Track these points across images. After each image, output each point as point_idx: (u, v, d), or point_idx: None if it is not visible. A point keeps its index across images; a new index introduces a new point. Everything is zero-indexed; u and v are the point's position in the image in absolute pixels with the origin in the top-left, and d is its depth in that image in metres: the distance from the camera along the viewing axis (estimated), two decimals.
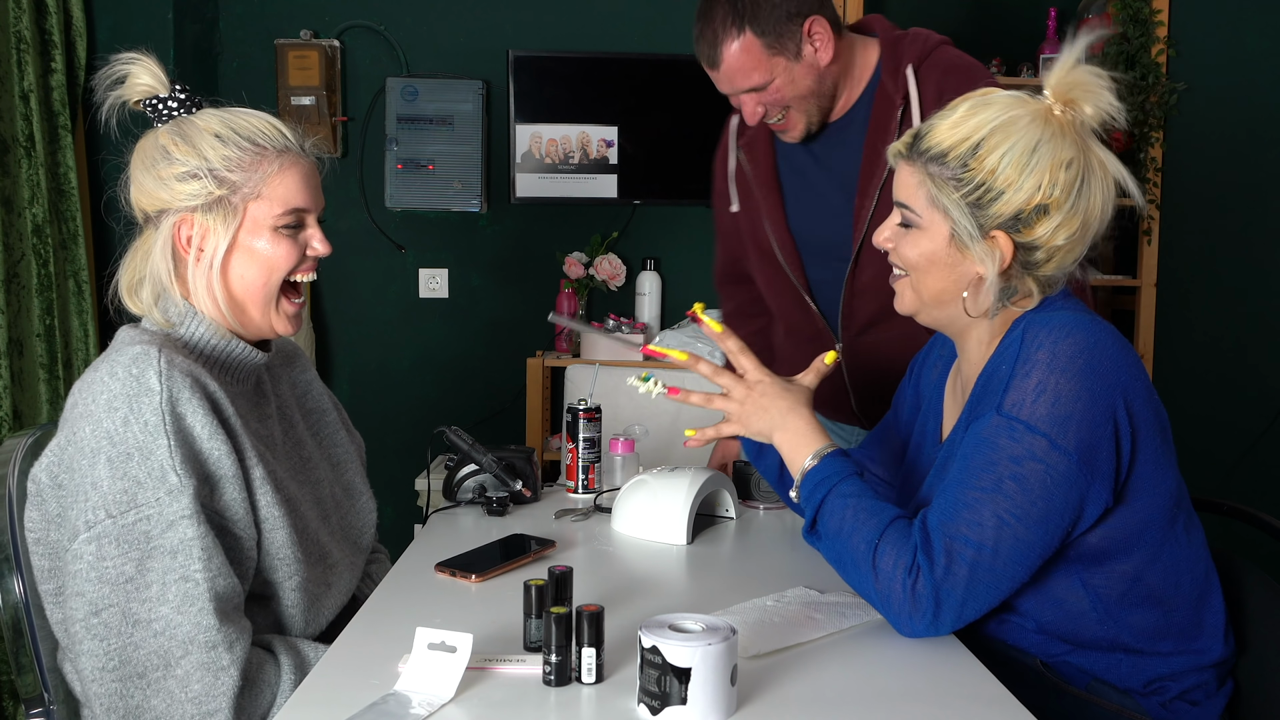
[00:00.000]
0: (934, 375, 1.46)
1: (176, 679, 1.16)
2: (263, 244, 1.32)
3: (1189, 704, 1.24)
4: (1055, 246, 1.22)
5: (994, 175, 1.19)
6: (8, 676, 2.50)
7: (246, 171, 1.30)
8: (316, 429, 1.54)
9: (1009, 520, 1.13)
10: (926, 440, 1.42)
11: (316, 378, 1.59)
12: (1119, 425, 1.16)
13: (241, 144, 1.30)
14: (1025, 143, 1.19)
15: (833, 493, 1.24)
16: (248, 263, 1.32)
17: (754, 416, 1.36)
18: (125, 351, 1.21)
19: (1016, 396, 1.16)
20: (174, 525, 1.16)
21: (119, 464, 1.16)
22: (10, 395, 2.54)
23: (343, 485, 1.53)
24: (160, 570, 1.16)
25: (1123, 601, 1.22)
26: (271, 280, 1.33)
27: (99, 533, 1.15)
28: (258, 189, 1.31)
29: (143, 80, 1.31)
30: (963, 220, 1.21)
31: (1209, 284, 3.31)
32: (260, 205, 1.31)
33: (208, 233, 1.30)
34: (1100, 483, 1.15)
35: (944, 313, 1.29)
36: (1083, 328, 1.18)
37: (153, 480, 1.16)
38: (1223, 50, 3.24)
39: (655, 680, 0.95)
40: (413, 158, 3.33)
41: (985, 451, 1.16)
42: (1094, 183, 1.22)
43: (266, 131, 1.33)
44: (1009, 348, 1.22)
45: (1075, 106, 1.21)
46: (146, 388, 1.18)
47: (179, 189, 1.29)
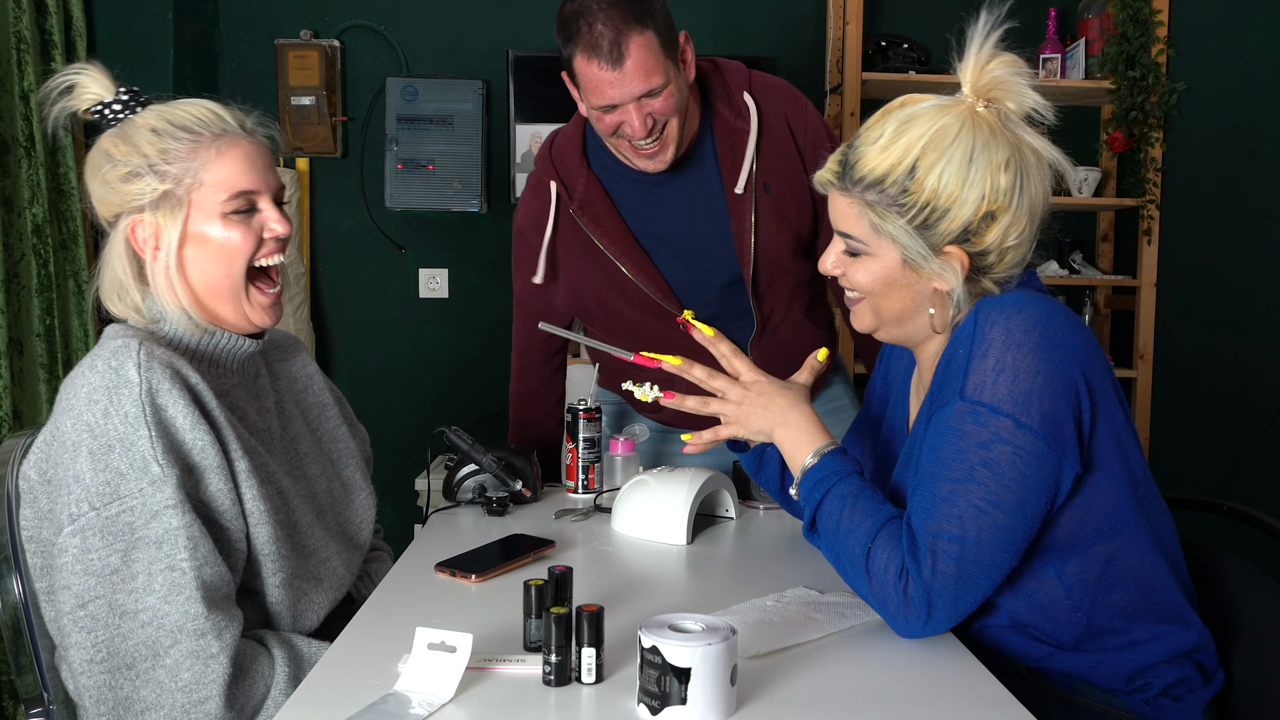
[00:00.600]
0: (901, 366, 1.45)
1: (166, 668, 1.16)
2: (215, 232, 1.30)
3: (1172, 699, 1.24)
4: (1007, 247, 1.21)
5: (936, 195, 1.17)
6: (8, 676, 2.50)
7: (185, 161, 1.28)
8: (316, 424, 1.54)
9: (985, 508, 1.13)
10: (895, 432, 1.42)
11: (318, 371, 1.58)
12: (1079, 396, 1.15)
13: (177, 134, 1.29)
14: (960, 155, 1.17)
15: (831, 493, 1.24)
16: (203, 254, 1.30)
17: (753, 416, 1.36)
18: (106, 346, 1.22)
19: (977, 379, 1.15)
20: (158, 515, 1.17)
21: (100, 456, 1.17)
22: (10, 395, 2.54)
23: (341, 481, 1.53)
24: (146, 560, 1.16)
25: (1098, 586, 1.21)
26: (233, 270, 1.31)
27: (83, 525, 1.16)
28: (199, 177, 1.28)
29: (90, 90, 1.30)
30: (912, 244, 1.20)
31: (1209, 284, 3.31)
32: (204, 193, 1.29)
33: (160, 230, 1.29)
34: (1070, 456, 1.15)
35: (902, 329, 1.29)
36: (1033, 303, 1.17)
37: (135, 471, 1.17)
38: (1223, 50, 3.24)
39: (655, 680, 0.95)
40: (413, 158, 3.33)
41: (953, 440, 1.16)
42: (1032, 175, 1.20)
43: (202, 117, 1.31)
44: (964, 331, 1.21)
45: (998, 103, 1.20)
46: (125, 379, 1.18)
47: (125, 190, 1.28)
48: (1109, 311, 3.54)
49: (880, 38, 3.30)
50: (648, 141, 1.70)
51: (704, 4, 3.48)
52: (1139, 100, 3.15)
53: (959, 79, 1.22)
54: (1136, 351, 3.30)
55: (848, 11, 3.21)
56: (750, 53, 3.45)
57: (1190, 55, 3.25)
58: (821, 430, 1.32)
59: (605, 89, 1.63)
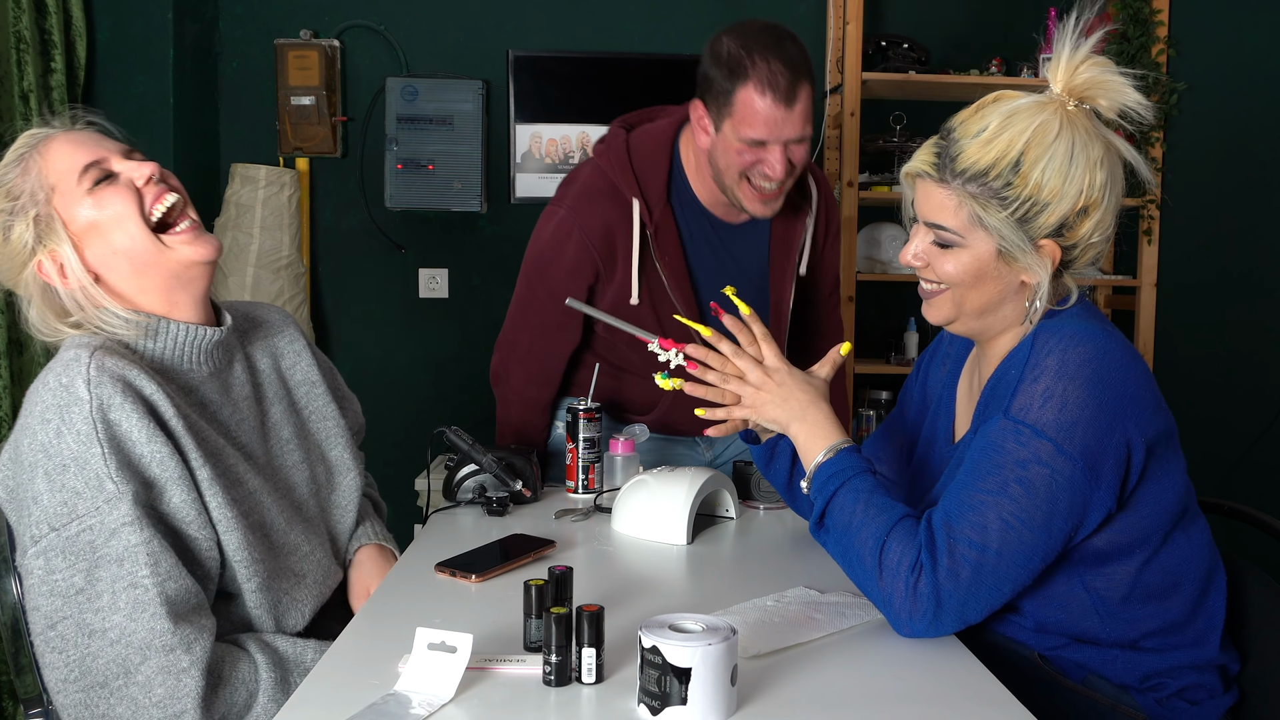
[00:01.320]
0: (942, 373, 1.46)
1: (139, 685, 1.15)
2: (91, 213, 1.26)
3: (1188, 703, 1.24)
4: (1091, 242, 1.23)
5: (1040, 189, 1.19)
6: (8, 676, 2.50)
7: (25, 181, 1.26)
8: (303, 402, 1.51)
9: (1013, 523, 1.13)
10: (938, 439, 1.42)
11: (307, 346, 1.54)
12: (1128, 438, 1.16)
13: (7, 176, 1.27)
14: (1062, 152, 1.18)
15: (845, 486, 1.24)
16: (101, 242, 1.27)
17: (769, 404, 1.36)
18: (60, 358, 1.21)
19: (1024, 401, 1.17)
20: (116, 533, 1.15)
21: (56, 476, 1.15)
22: (10, 395, 2.54)
23: (326, 464, 1.51)
24: (109, 579, 1.15)
25: (1125, 602, 1.22)
26: (135, 234, 1.27)
27: (45, 546, 1.15)
28: (44, 183, 1.26)
29: None
30: (1011, 236, 1.21)
31: (1209, 284, 3.31)
32: (59, 193, 1.25)
33: (55, 253, 1.26)
34: (1104, 490, 1.15)
35: (981, 321, 1.29)
36: (1093, 337, 1.18)
37: (90, 489, 1.15)
38: (1223, 50, 3.24)
39: (655, 680, 0.95)
40: (413, 158, 3.33)
41: (992, 454, 1.17)
42: (1118, 172, 1.23)
43: (17, 146, 1.29)
44: (1020, 353, 1.22)
45: (1091, 102, 1.21)
46: (75, 397, 1.16)
47: (8, 255, 1.27)
48: (1109, 311, 3.54)
49: (880, 38, 3.30)
50: (775, 185, 1.77)
51: (704, 4, 3.48)
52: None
53: (1048, 79, 1.23)
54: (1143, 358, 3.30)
55: (848, 11, 3.20)
56: None
57: (1190, 55, 3.25)
58: (838, 428, 1.33)
59: (770, 124, 1.71)
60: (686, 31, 3.49)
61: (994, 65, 3.36)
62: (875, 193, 3.23)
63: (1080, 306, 1.27)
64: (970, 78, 3.25)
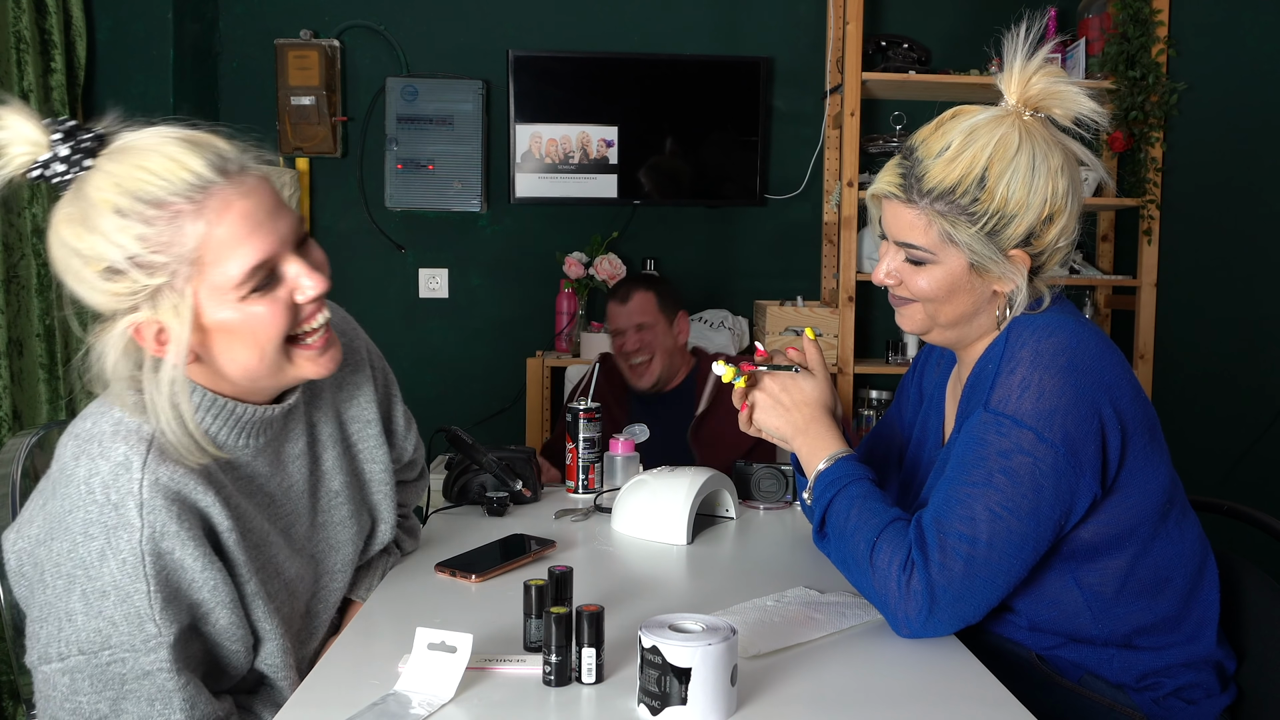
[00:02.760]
0: (936, 373, 1.46)
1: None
2: (233, 317, 1.06)
3: (1184, 701, 1.24)
4: (1059, 246, 1.25)
5: (1006, 203, 1.20)
6: (8, 677, 2.50)
7: (169, 247, 1.02)
8: (355, 438, 1.35)
9: (1000, 513, 1.14)
10: (929, 438, 1.43)
11: (368, 379, 1.36)
12: (1105, 421, 1.17)
13: (147, 213, 1.01)
14: (1025, 164, 1.20)
15: (841, 493, 1.25)
16: (229, 344, 1.08)
17: (769, 413, 1.36)
18: (108, 453, 1.04)
19: (1002, 393, 1.18)
20: (150, 676, 1.05)
21: (94, 600, 1.04)
22: (10, 395, 2.54)
23: (369, 509, 1.37)
24: (136, 715, 1.06)
25: (1117, 598, 1.22)
26: (267, 353, 1.09)
27: (71, 666, 1.05)
28: (192, 262, 1.03)
29: (19, 149, 1.02)
30: (982, 249, 1.22)
31: (1209, 284, 3.31)
32: (206, 280, 1.04)
33: (163, 328, 1.05)
34: (1088, 475, 1.16)
35: (956, 331, 1.30)
36: (1065, 327, 1.20)
37: (129, 625, 1.04)
38: (1223, 50, 3.24)
39: (655, 680, 0.95)
40: (413, 158, 3.33)
41: (975, 448, 1.17)
42: (1078, 176, 1.25)
43: (170, 178, 1.01)
44: (995, 348, 1.24)
45: (1046, 111, 1.24)
46: (125, 521, 1.03)
47: (109, 289, 1.03)
48: (1109, 311, 3.54)
49: (880, 38, 3.30)
50: (635, 360, 2.66)
51: (704, 4, 3.48)
52: (1139, 100, 3.14)
53: (1002, 89, 1.25)
54: (1136, 351, 3.30)
55: (848, 11, 3.20)
56: (750, 52, 3.46)
57: (1190, 55, 3.24)
58: (838, 438, 1.34)
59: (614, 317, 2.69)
60: (686, 31, 3.49)
61: (994, 65, 3.35)
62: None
63: (1054, 302, 1.28)
64: (970, 78, 3.25)
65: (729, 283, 3.57)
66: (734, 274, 3.56)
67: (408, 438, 1.47)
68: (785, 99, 3.52)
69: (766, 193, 3.51)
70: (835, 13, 3.39)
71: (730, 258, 3.56)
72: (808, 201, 3.53)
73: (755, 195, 3.45)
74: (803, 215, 3.55)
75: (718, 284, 3.56)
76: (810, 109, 3.51)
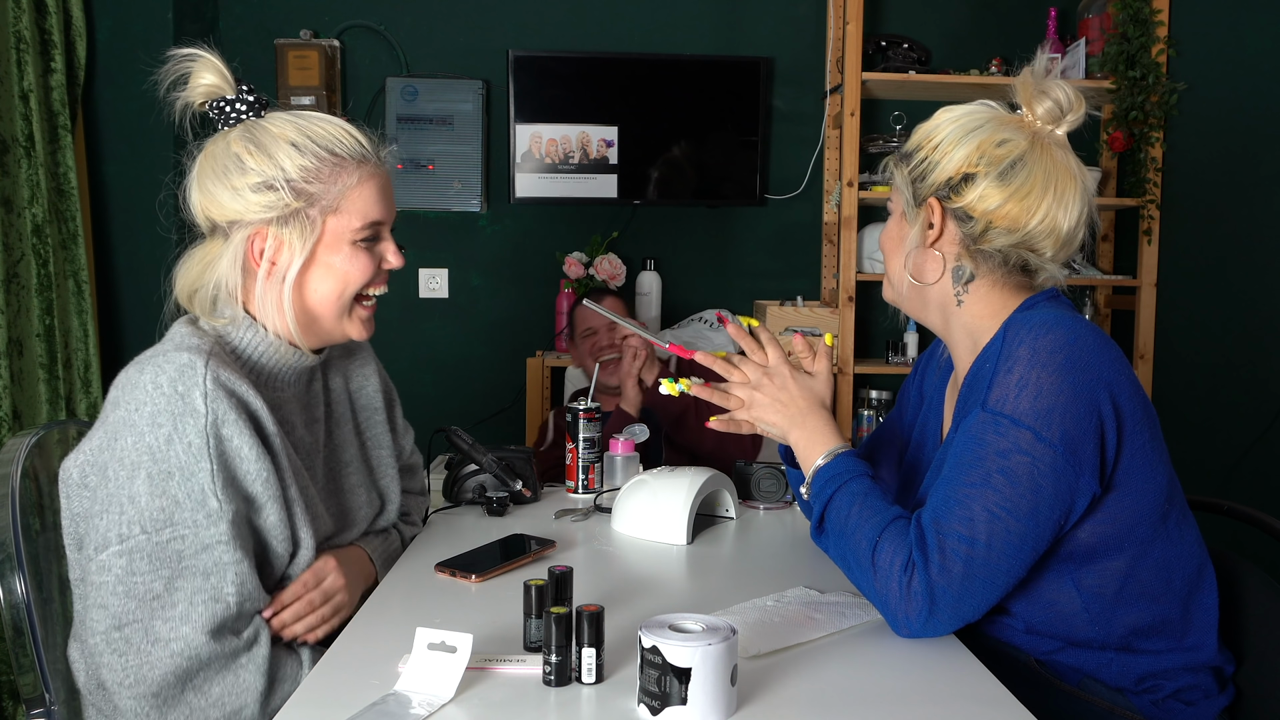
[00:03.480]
0: (937, 375, 1.47)
1: (195, 689, 1.17)
2: (340, 259, 1.30)
3: (1183, 704, 1.24)
4: (988, 211, 1.25)
5: (935, 149, 1.28)
6: (8, 676, 2.50)
7: (325, 183, 1.27)
8: (364, 426, 1.52)
9: (999, 513, 1.13)
10: (928, 440, 1.43)
11: (376, 371, 1.55)
12: (1103, 418, 1.17)
13: (320, 154, 1.27)
14: (969, 124, 1.27)
15: (841, 490, 1.25)
16: (323, 277, 1.30)
17: (768, 408, 1.37)
18: (172, 359, 1.18)
19: (1000, 392, 1.17)
20: (209, 549, 1.16)
21: (159, 481, 1.15)
22: (10, 395, 2.54)
23: (378, 489, 1.52)
24: (189, 590, 1.16)
25: (1116, 600, 1.22)
26: (346, 293, 1.32)
27: (131, 547, 1.15)
28: (336, 202, 1.28)
29: (206, 80, 1.26)
30: (907, 191, 1.30)
31: (1209, 284, 3.31)
32: (339, 219, 1.28)
33: (282, 246, 1.26)
34: (1087, 474, 1.16)
35: (913, 302, 1.35)
36: (1063, 324, 1.19)
37: (192, 501, 1.16)
38: (1223, 50, 3.24)
39: (655, 680, 0.95)
40: (413, 158, 3.33)
41: (973, 447, 1.17)
42: (1039, 173, 1.24)
43: (344, 140, 1.29)
44: (992, 347, 1.24)
45: (1030, 109, 1.27)
46: (192, 408, 1.16)
47: (254, 200, 1.25)
48: (1109, 311, 3.54)
49: (880, 38, 3.30)
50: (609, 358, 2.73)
51: (704, 4, 3.49)
52: (1139, 100, 3.15)
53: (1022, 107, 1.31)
54: (1136, 351, 3.30)
55: (848, 11, 3.20)
56: (750, 52, 3.46)
57: (1190, 55, 3.25)
58: (836, 433, 1.34)
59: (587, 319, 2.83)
60: (686, 31, 3.49)
61: (994, 65, 3.36)
62: (875, 193, 3.23)
63: (1049, 300, 1.29)
64: (970, 78, 3.25)
65: (729, 283, 3.57)
66: (734, 274, 3.57)
67: (405, 437, 1.63)
68: (785, 99, 3.52)
69: (766, 193, 3.51)
70: (835, 13, 3.39)
71: (730, 258, 3.57)
72: (808, 201, 3.53)
73: (755, 195, 3.45)
74: (803, 215, 3.55)
75: (718, 284, 3.56)
76: (810, 109, 3.51)
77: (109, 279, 2.99)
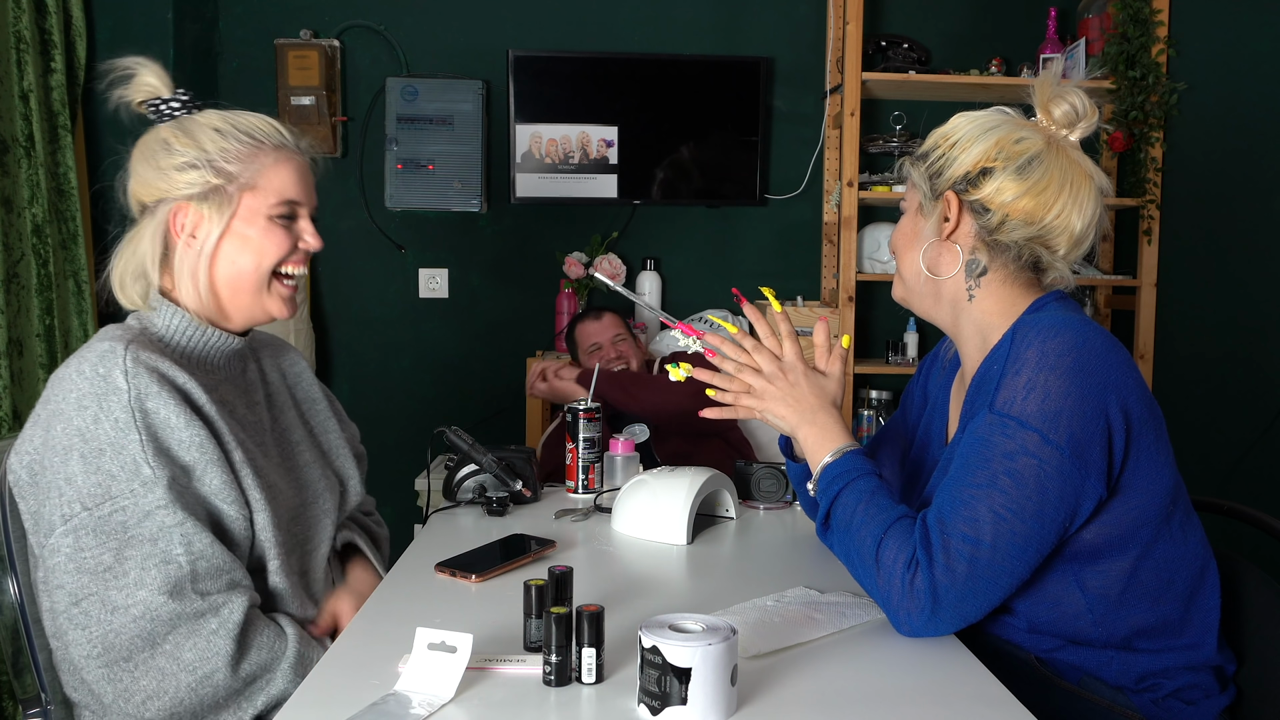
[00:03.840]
0: (941, 375, 1.47)
1: (165, 654, 1.19)
2: (255, 232, 1.36)
3: (1184, 703, 1.24)
4: (1005, 204, 1.26)
5: (952, 146, 1.29)
6: (7, 677, 2.50)
7: (243, 163, 1.35)
8: (308, 416, 1.57)
9: (1005, 515, 1.13)
10: (932, 440, 1.43)
11: (308, 370, 1.61)
12: (1111, 422, 1.17)
13: (240, 137, 1.35)
14: (987, 123, 1.29)
15: (848, 487, 1.26)
16: (240, 249, 1.36)
17: (778, 401, 1.38)
18: (93, 348, 1.25)
19: (1007, 394, 1.17)
20: (150, 515, 1.20)
21: (91, 459, 1.20)
22: (10, 395, 2.54)
23: (334, 470, 1.56)
24: (139, 557, 1.19)
25: (1120, 600, 1.22)
26: (262, 266, 1.37)
27: (75, 525, 1.18)
28: (253, 179, 1.35)
29: (147, 80, 1.35)
30: (924, 186, 1.31)
31: (1209, 284, 3.31)
32: (255, 195, 1.35)
33: (201, 220, 1.34)
34: (1094, 478, 1.16)
35: (925, 301, 1.35)
36: (1071, 327, 1.19)
37: (125, 473, 1.20)
38: (1223, 50, 3.24)
39: (655, 680, 0.95)
40: (413, 158, 3.33)
41: (979, 449, 1.17)
42: (1055, 171, 1.26)
43: (263, 129, 1.38)
44: (1000, 348, 1.24)
45: (1045, 113, 1.29)
46: (114, 386, 1.21)
47: (177, 179, 1.33)
48: (1109, 311, 3.54)
49: (880, 38, 3.30)
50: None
51: (704, 4, 3.48)
52: (1139, 100, 3.14)
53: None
54: (1136, 351, 3.30)
55: (848, 11, 3.20)
56: (750, 53, 3.46)
57: (1190, 55, 3.24)
58: (845, 431, 1.34)
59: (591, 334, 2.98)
60: (686, 31, 3.49)
61: (994, 65, 3.36)
62: (875, 193, 3.23)
63: (1057, 301, 1.29)
64: (970, 78, 3.25)
65: (729, 283, 3.57)
66: (734, 274, 3.56)
67: (350, 426, 1.66)
68: (785, 99, 3.52)
69: (766, 193, 3.51)
70: (835, 13, 3.39)
71: (730, 258, 3.56)
72: (808, 201, 3.53)
73: (755, 195, 3.45)
74: (803, 215, 3.55)
75: (718, 284, 3.56)
76: (810, 109, 3.51)
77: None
